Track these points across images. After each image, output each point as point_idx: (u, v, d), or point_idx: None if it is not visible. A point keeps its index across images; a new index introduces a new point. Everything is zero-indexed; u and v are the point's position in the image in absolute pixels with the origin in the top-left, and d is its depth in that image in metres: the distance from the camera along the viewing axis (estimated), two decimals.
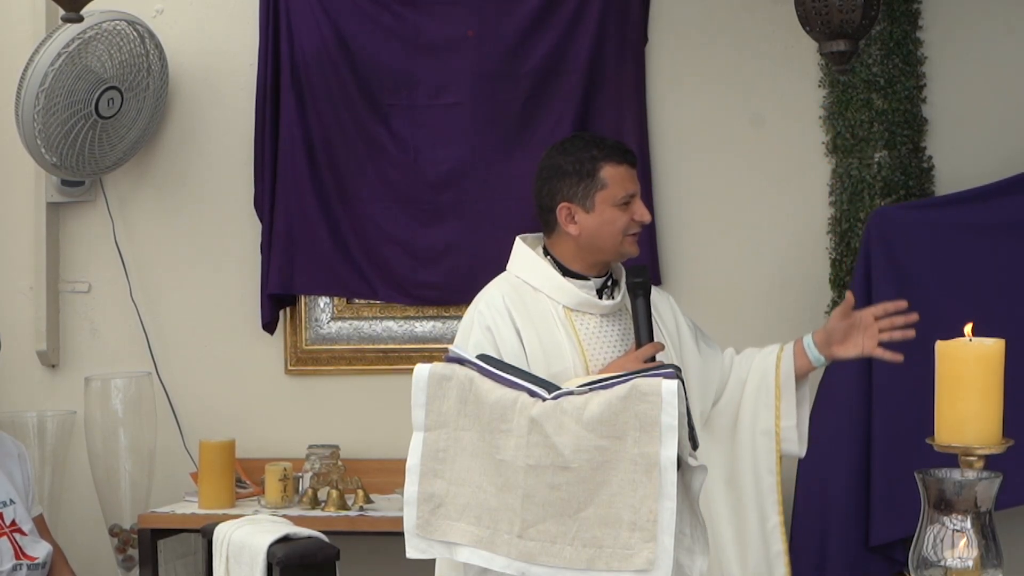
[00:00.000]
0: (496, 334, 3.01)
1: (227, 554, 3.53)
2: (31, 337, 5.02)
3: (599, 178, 3.08)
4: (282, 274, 4.79)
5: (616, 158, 3.11)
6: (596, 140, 3.17)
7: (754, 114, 4.57)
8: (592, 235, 3.10)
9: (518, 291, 3.10)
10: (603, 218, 3.09)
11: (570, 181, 3.10)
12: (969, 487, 2.17)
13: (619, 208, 3.09)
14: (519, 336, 3.02)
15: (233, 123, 4.94)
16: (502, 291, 3.10)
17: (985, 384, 2.21)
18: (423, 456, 2.81)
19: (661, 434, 2.62)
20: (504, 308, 3.05)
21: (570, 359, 3.02)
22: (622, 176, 3.10)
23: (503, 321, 3.03)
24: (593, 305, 3.10)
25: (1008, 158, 4.29)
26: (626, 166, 3.12)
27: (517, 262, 3.17)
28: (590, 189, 3.08)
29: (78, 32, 4.46)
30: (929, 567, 2.17)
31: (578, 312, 3.09)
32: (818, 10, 3.83)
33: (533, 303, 3.08)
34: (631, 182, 3.12)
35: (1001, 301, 3.97)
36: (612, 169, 3.09)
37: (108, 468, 4.68)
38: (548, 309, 3.08)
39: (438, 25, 4.72)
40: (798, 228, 4.53)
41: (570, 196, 3.09)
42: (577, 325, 3.07)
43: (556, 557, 2.67)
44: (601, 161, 3.09)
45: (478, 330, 3.04)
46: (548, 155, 3.17)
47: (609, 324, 3.11)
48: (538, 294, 3.10)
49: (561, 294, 3.09)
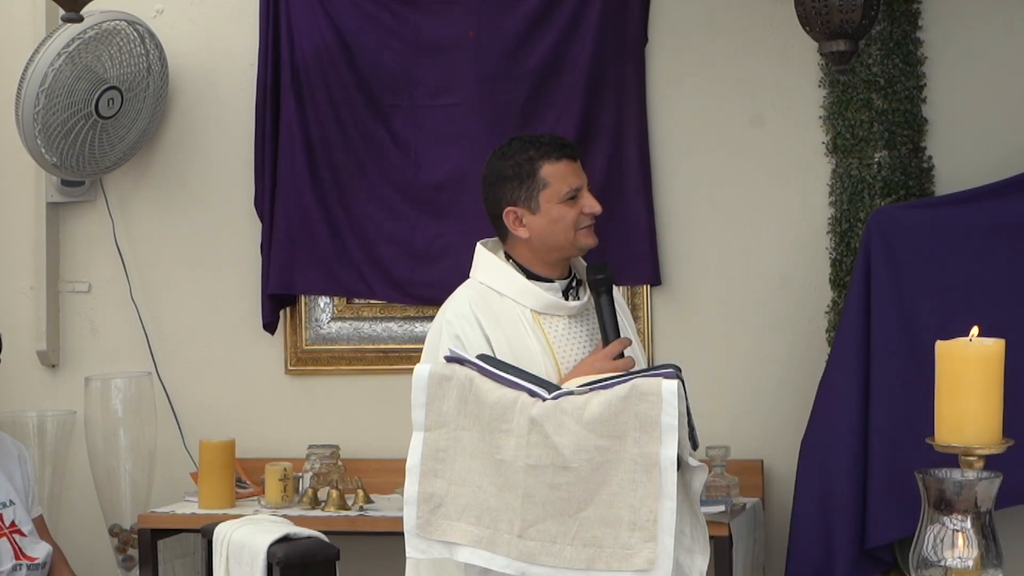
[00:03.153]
0: (466, 342, 2.96)
1: (227, 554, 3.54)
2: (31, 337, 5.03)
3: (539, 178, 3.05)
4: (282, 274, 4.79)
5: (554, 155, 3.06)
6: (533, 140, 3.12)
7: (754, 114, 4.57)
8: (543, 235, 3.06)
9: (484, 297, 3.05)
10: (550, 216, 3.05)
11: (511, 185, 3.06)
12: (969, 487, 2.17)
13: (566, 204, 3.05)
14: (489, 342, 2.97)
15: (233, 123, 4.94)
16: (469, 298, 3.05)
17: (985, 384, 2.21)
18: (423, 456, 2.81)
19: (661, 434, 2.62)
20: (472, 315, 3.00)
21: (541, 363, 2.97)
22: (562, 172, 3.06)
23: (472, 328, 2.99)
24: (560, 307, 3.06)
25: (1008, 158, 4.28)
26: (565, 160, 3.07)
27: (481, 268, 3.12)
28: (532, 190, 3.05)
29: (78, 32, 4.46)
30: (929, 567, 2.17)
31: (546, 315, 3.05)
32: (818, 10, 3.83)
33: (500, 308, 3.03)
34: (574, 176, 3.08)
35: (1001, 301, 3.96)
36: (551, 166, 3.05)
37: (108, 468, 4.68)
38: (516, 314, 3.03)
39: (438, 25, 4.72)
40: (798, 228, 4.53)
41: (514, 200, 3.06)
42: (546, 328, 3.04)
43: (556, 557, 2.67)
44: (538, 160, 3.05)
45: (447, 340, 2.99)
46: (489, 162, 3.14)
47: (577, 325, 3.08)
48: (504, 299, 3.05)
49: (527, 297, 3.05)
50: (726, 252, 4.58)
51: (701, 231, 4.62)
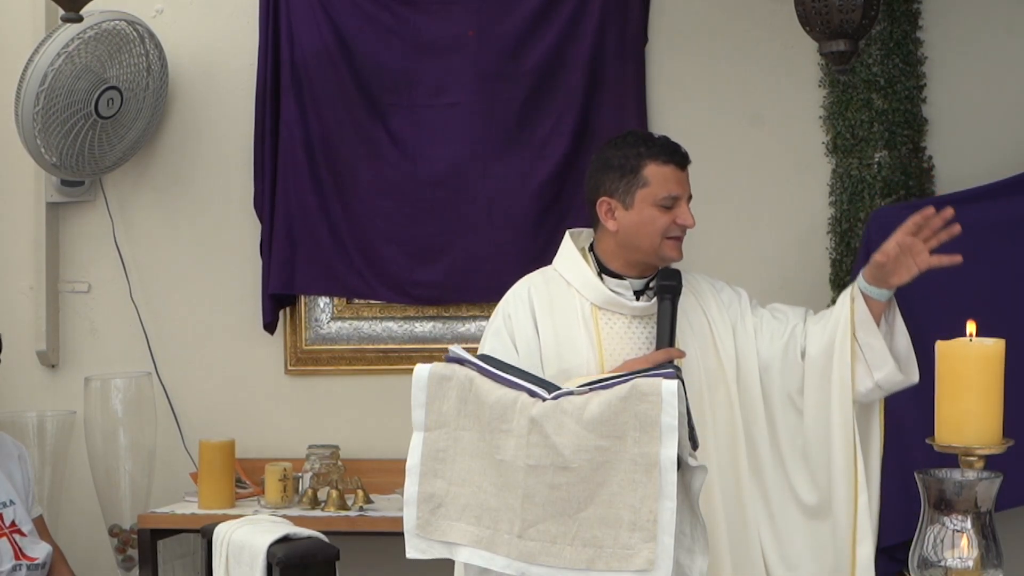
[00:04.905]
0: (514, 321, 3.08)
1: (227, 554, 3.53)
2: (31, 337, 5.02)
3: (641, 175, 3.08)
4: (282, 274, 4.79)
5: (662, 157, 3.09)
6: (647, 138, 3.16)
7: (754, 114, 4.57)
8: (630, 233, 3.10)
9: (549, 284, 3.14)
10: (642, 216, 3.08)
11: (613, 176, 3.10)
12: (969, 487, 2.17)
13: (659, 208, 3.08)
14: (536, 326, 3.06)
15: (233, 123, 4.94)
16: (531, 282, 3.16)
17: (985, 384, 2.21)
18: (423, 456, 2.81)
19: (661, 434, 2.62)
20: (527, 298, 3.11)
21: (584, 355, 3.05)
22: (666, 176, 3.09)
23: (523, 310, 3.09)
24: (622, 305, 3.11)
25: (1008, 158, 4.29)
26: (673, 166, 3.10)
27: (560, 255, 3.21)
28: (631, 186, 3.08)
29: (78, 32, 4.46)
30: (929, 567, 2.17)
31: (606, 311, 3.11)
32: (818, 10, 3.83)
33: (560, 297, 3.11)
34: (676, 184, 3.10)
35: (1001, 301, 3.96)
36: (656, 168, 3.09)
37: (108, 468, 4.68)
38: (574, 304, 3.11)
39: (438, 25, 4.72)
40: (798, 228, 4.53)
41: (611, 191, 3.10)
42: (602, 323, 3.09)
43: (556, 557, 2.66)
44: (646, 158, 3.09)
45: (500, 317, 3.13)
46: (601, 149, 3.19)
47: (639, 326, 3.12)
48: (570, 288, 3.13)
49: (590, 291, 3.12)
50: (726, 252, 4.58)
51: (701, 231, 4.58)
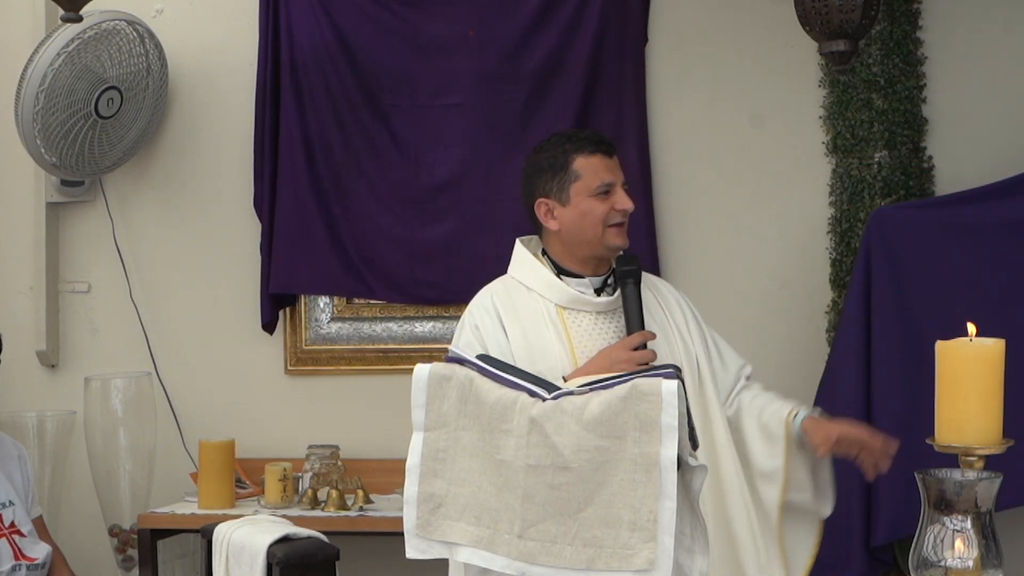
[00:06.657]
0: (483, 332, 3.07)
1: (227, 554, 3.53)
2: (31, 337, 5.02)
3: (572, 170, 3.10)
4: (282, 274, 4.79)
5: (588, 148, 3.11)
6: (570, 134, 3.19)
7: (754, 114, 4.57)
8: (572, 229, 3.11)
9: (510, 291, 3.15)
10: (580, 209, 3.10)
11: (545, 177, 3.13)
12: (969, 487, 2.17)
13: (596, 198, 3.10)
14: (505, 334, 3.06)
15: (233, 123, 4.94)
16: (492, 292, 3.16)
17: (985, 384, 2.21)
18: (423, 456, 2.81)
19: (661, 434, 2.61)
20: (492, 307, 3.10)
21: (557, 356, 3.05)
22: (595, 166, 3.11)
23: (490, 319, 3.09)
24: (585, 302, 3.12)
25: (1008, 158, 4.29)
26: (600, 155, 3.12)
27: (514, 264, 3.22)
28: (564, 182, 3.10)
29: (78, 32, 4.46)
30: (929, 567, 2.17)
31: (571, 310, 3.12)
32: (818, 10, 3.83)
33: (523, 302, 3.12)
34: (607, 171, 3.12)
35: (1001, 301, 3.96)
36: (584, 160, 3.10)
37: (108, 468, 4.68)
38: (539, 307, 3.11)
39: (438, 25, 4.72)
40: (798, 228, 4.53)
41: (546, 192, 3.12)
42: (569, 323, 3.09)
43: (556, 557, 2.66)
44: (572, 153, 3.11)
45: (468, 330, 3.10)
46: (528, 156, 3.21)
47: (605, 321, 3.13)
48: (531, 293, 3.14)
49: (552, 292, 3.13)
50: (726, 252, 4.58)
51: (701, 231, 4.62)
